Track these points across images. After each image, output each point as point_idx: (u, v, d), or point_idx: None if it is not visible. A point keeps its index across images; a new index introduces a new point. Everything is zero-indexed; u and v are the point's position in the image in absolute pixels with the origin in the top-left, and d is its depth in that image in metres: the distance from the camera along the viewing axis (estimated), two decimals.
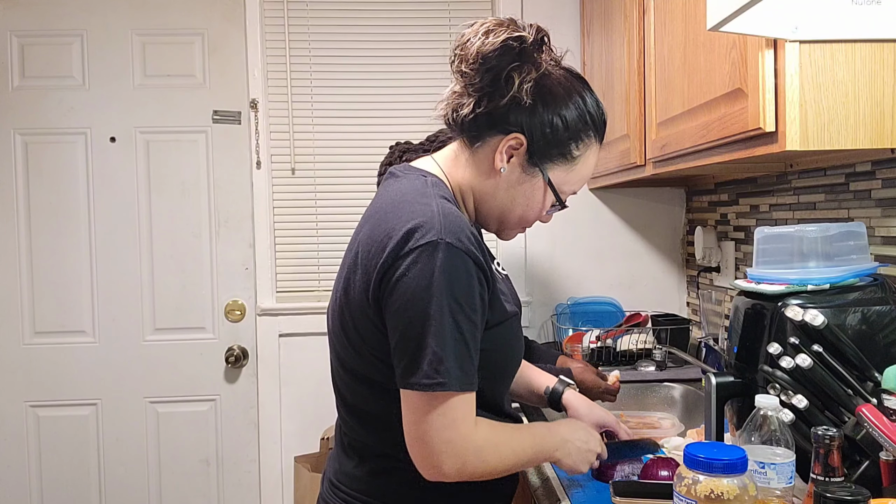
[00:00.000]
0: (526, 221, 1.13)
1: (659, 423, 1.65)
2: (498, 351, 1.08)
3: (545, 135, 1.05)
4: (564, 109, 1.06)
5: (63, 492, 2.49)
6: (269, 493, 2.51)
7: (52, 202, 2.44)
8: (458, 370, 0.96)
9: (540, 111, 1.05)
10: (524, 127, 1.05)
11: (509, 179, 1.08)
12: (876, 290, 1.11)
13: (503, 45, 1.03)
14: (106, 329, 2.47)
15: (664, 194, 2.52)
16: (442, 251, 0.95)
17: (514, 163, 1.07)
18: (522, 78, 1.04)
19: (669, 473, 1.19)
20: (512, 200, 1.10)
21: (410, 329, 0.96)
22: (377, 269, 0.98)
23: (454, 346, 0.95)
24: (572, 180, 1.10)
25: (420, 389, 0.96)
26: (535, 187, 1.09)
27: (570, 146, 1.07)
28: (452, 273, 0.95)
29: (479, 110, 1.05)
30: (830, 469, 0.89)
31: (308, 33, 2.45)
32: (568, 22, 2.47)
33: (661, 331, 2.20)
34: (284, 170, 2.48)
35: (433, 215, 0.98)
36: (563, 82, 1.07)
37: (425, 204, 1.00)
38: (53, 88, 2.42)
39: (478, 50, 1.03)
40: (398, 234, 0.97)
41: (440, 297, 0.94)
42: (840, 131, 1.09)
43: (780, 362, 1.07)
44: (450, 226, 0.97)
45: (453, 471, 0.99)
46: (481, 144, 1.08)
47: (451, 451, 0.98)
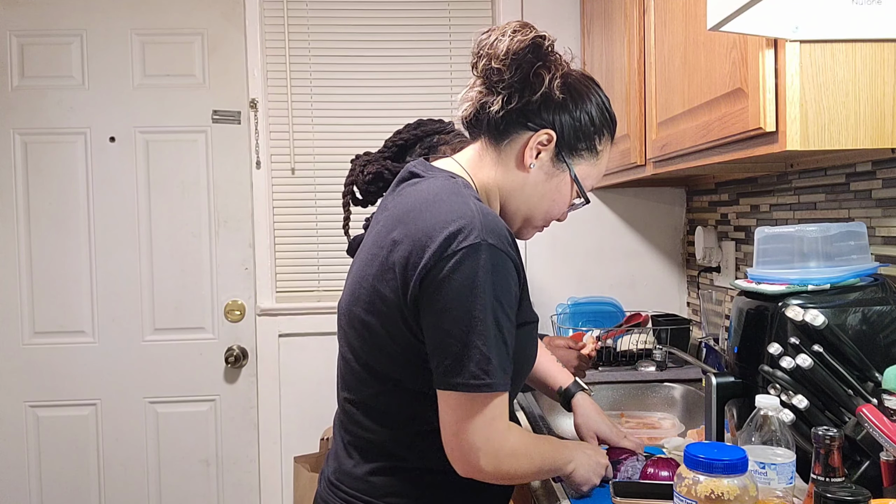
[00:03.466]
0: (551, 217, 1.16)
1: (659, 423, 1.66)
2: (518, 353, 1.07)
3: (574, 130, 1.09)
4: (590, 105, 1.10)
5: (63, 492, 2.49)
6: (269, 493, 2.51)
7: (52, 202, 2.44)
8: (500, 370, 0.97)
9: (570, 107, 1.09)
10: (554, 122, 1.08)
11: (537, 176, 1.10)
12: (876, 290, 1.11)
13: (533, 42, 1.06)
14: (106, 329, 2.47)
15: (664, 194, 2.52)
16: (485, 252, 0.96)
17: (543, 158, 1.09)
18: (552, 75, 1.07)
19: (670, 474, 1.18)
20: (540, 196, 1.12)
21: (455, 329, 0.96)
22: (418, 269, 0.98)
23: (498, 347, 0.96)
24: (594, 175, 1.15)
25: (466, 390, 0.96)
26: (563, 182, 1.12)
27: (594, 141, 1.11)
28: (495, 274, 0.96)
29: (511, 106, 1.07)
30: (831, 469, 0.89)
31: (308, 33, 2.45)
32: (568, 22, 2.47)
33: (662, 331, 2.20)
34: (284, 170, 2.48)
35: (473, 216, 0.98)
36: (582, 81, 1.12)
37: (464, 203, 1.00)
38: (53, 88, 2.42)
39: (507, 47, 1.05)
40: (440, 235, 0.97)
41: (484, 297, 0.95)
42: (840, 131, 1.09)
43: (781, 362, 1.07)
44: (490, 226, 0.98)
45: (490, 468, 1.00)
46: (509, 142, 1.09)
47: (490, 448, 0.99)
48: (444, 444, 1.01)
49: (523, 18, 2.46)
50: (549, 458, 1.11)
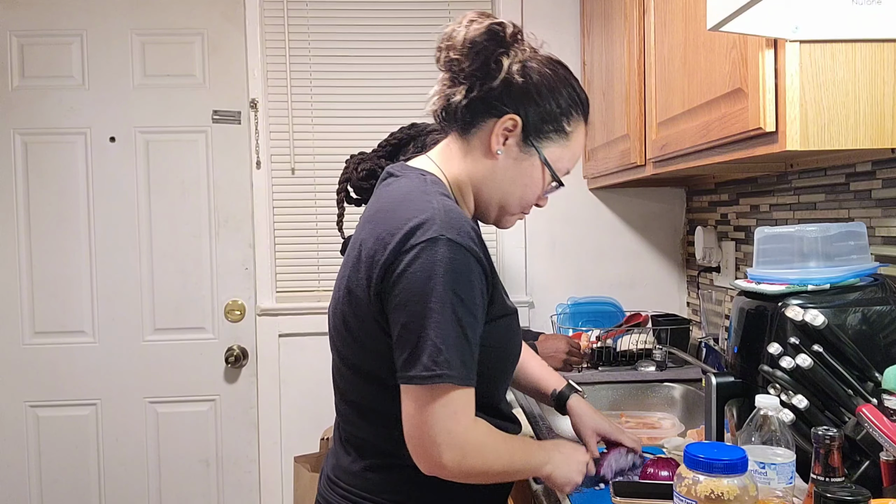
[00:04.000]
0: (526, 203, 1.15)
1: (659, 423, 1.66)
2: (496, 348, 1.09)
3: (538, 113, 1.08)
4: (554, 87, 1.09)
5: (63, 492, 2.49)
6: (269, 493, 2.51)
7: (52, 202, 2.44)
8: (459, 363, 0.97)
9: (532, 90, 1.07)
10: (517, 107, 1.07)
11: (506, 162, 1.10)
12: (876, 290, 1.11)
13: (489, 29, 1.06)
14: (106, 329, 2.47)
15: (664, 194, 2.52)
16: (443, 246, 0.96)
17: (511, 144, 1.09)
18: (512, 60, 1.07)
19: (669, 473, 1.18)
20: (511, 182, 1.11)
21: (411, 322, 0.97)
22: (380, 265, 1.00)
23: (455, 340, 0.96)
24: (566, 157, 1.13)
25: (420, 383, 0.97)
26: (533, 167, 1.10)
27: (562, 122, 1.10)
28: (454, 268, 0.96)
29: (473, 95, 1.07)
30: (831, 469, 0.89)
31: (308, 33, 2.45)
32: (568, 22, 2.46)
33: (661, 331, 2.20)
34: (284, 170, 2.48)
35: (435, 212, 0.99)
36: (546, 64, 1.10)
37: (427, 201, 1.02)
38: (53, 88, 2.42)
39: (464, 36, 1.07)
40: (401, 231, 0.99)
41: (441, 290, 0.96)
42: (840, 131, 1.09)
43: (781, 362, 1.07)
44: (451, 221, 0.99)
45: (453, 463, 0.99)
46: (475, 131, 1.10)
47: (452, 442, 0.98)
48: (406, 440, 1.01)
49: (523, 18, 2.47)
50: (521, 456, 1.09)
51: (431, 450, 0.99)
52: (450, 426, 0.98)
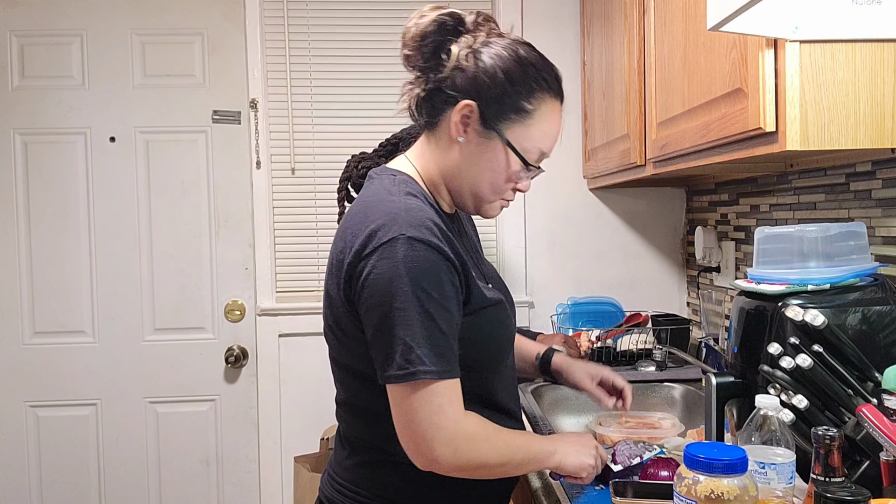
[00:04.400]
0: (499, 189, 1.12)
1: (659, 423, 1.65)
2: (481, 339, 1.09)
3: (493, 94, 1.06)
4: (508, 67, 1.07)
5: (63, 492, 2.49)
6: (269, 493, 2.51)
7: (52, 202, 2.44)
8: (434, 357, 0.98)
9: (482, 73, 1.06)
10: (471, 93, 1.06)
11: (469, 149, 1.09)
12: (876, 290, 1.11)
13: (436, 21, 1.08)
14: (106, 329, 2.47)
15: (664, 194, 2.52)
16: (403, 245, 0.98)
17: (471, 131, 1.08)
18: (461, 46, 1.07)
19: (669, 473, 1.18)
20: (477, 168, 1.10)
21: (381, 324, 0.99)
22: (345, 269, 1.03)
23: (426, 335, 0.97)
24: (534, 137, 1.09)
25: (396, 382, 0.98)
26: (496, 150, 1.09)
27: (520, 101, 1.07)
28: (416, 265, 0.98)
29: (429, 87, 1.09)
30: (831, 469, 0.89)
31: (308, 33, 2.45)
32: (568, 22, 2.46)
33: (661, 331, 2.20)
34: (284, 170, 2.48)
35: (395, 212, 1.01)
36: (503, 45, 1.08)
37: (389, 202, 1.04)
38: (53, 88, 2.42)
39: (414, 31, 1.09)
40: (362, 235, 1.01)
41: (405, 288, 0.97)
42: (840, 131, 1.09)
43: (781, 362, 1.07)
44: (411, 220, 1.00)
45: (446, 457, 1.00)
46: (439, 123, 1.11)
47: (443, 436, 0.99)
48: (400, 440, 1.02)
49: (523, 18, 2.47)
50: (521, 448, 1.09)
51: (422, 446, 1.00)
52: (437, 421, 0.99)
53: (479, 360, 1.09)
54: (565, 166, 2.49)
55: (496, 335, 1.13)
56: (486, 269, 1.22)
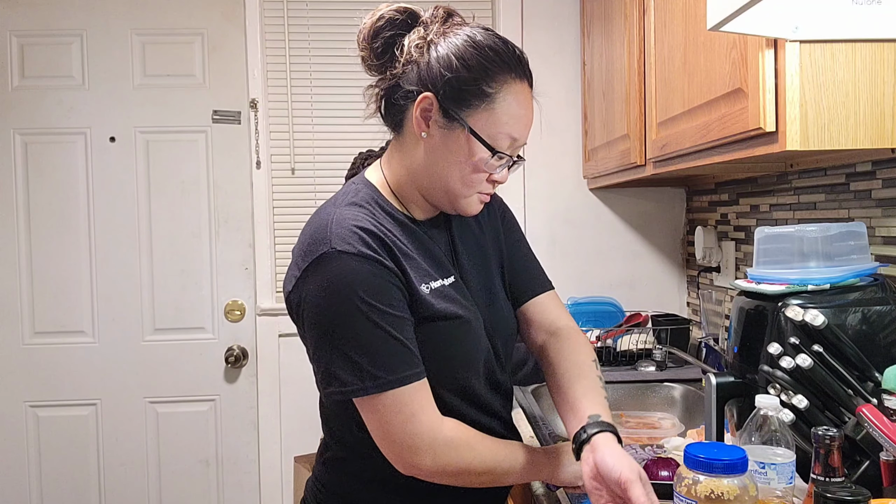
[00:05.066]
0: (470, 182, 1.05)
1: (659, 423, 1.65)
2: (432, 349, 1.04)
3: (448, 82, 1.01)
4: (463, 53, 1.02)
5: (63, 492, 2.49)
6: (269, 493, 2.51)
7: (52, 202, 2.44)
8: (393, 364, 0.96)
9: (434, 61, 1.02)
10: (427, 84, 1.02)
11: (434, 143, 1.04)
12: (876, 290, 1.11)
13: (386, 17, 1.05)
14: (106, 329, 2.47)
15: (664, 194, 2.52)
16: (333, 259, 0.97)
17: (433, 124, 1.03)
18: (411, 40, 1.04)
19: (669, 473, 1.18)
20: (445, 163, 1.04)
21: (327, 342, 0.97)
22: (285, 291, 1.04)
23: (377, 345, 0.96)
24: (500, 121, 1.03)
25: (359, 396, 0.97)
26: (460, 140, 1.03)
27: (479, 85, 1.01)
28: (350, 277, 0.96)
29: (387, 86, 1.07)
30: (830, 469, 0.89)
31: (308, 33, 2.45)
32: (568, 22, 2.46)
33: (661, 331, 2.20)
34: (284, 170, 2.48)
35: (325, 227, 1.00)
36: (458, 33, 1.04)
37: (323, 218, 1.03)
38: (53, 88, 2.42)
39: (365, 32, 1.07)
40: (297, 254, 1.02)
41: (343, 303, 0.96)
42: (840, 131, 1.09)
43: (781, 362, 1.07)
44: (340, 233, 0.98)
45: (426, 464, 0.99)
46: (403, 122, 1.07)
47: (420, 443, 0.98)
48: (381, 450, 1.01)
49: (523, 18, 2.47)
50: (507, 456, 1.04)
51: (402, 454, 0.99)
52: (410, 429, 0.97)
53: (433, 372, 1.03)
54: (565, 166, 2.49)
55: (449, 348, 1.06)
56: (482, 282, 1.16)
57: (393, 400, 0.97)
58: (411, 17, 1.06)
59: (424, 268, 1.05)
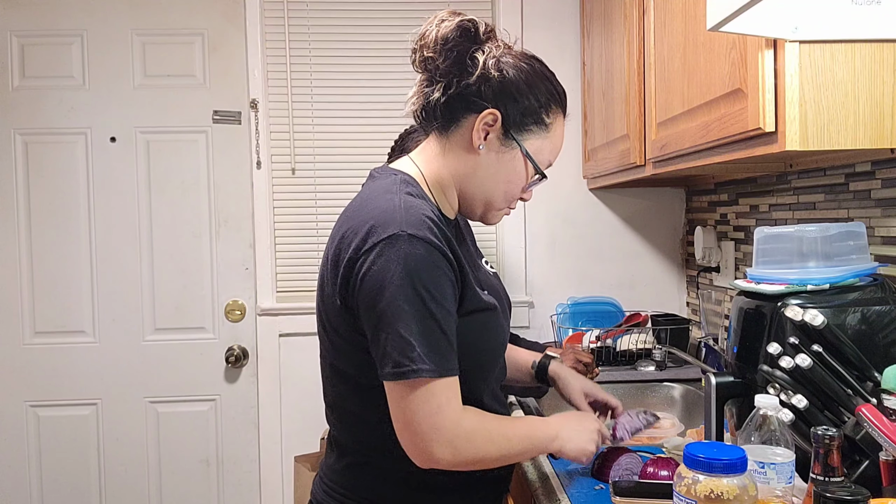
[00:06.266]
0: (511, 197, 1.15)
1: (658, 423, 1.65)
2: (469, 344, 1.08)
3: (517, 107, 1.09)
4: (531, 81, 1.10)
5: (63, 492, 2.49)
6: (269, 493, 2.51)
7: (52, 202, 2.44)
8: (434, 355, 0.97)
9: (509, 85, 1.08)
10: (496, 101, 1.08)
11: (489, 157, 1.10)
12: (876, 290, 1.11)
13: (459, 26, 1.08)
14: (106, 329, 2.47)
15: (664, 194, 2.53)
16: (404, 242, 0.98)
17: (492, 139, 1.10)
18: (487, 55, 1.08)
19: (669, 473, 1.19)
20: (494, 177, 1.11)
21: (380, 321, 0.98)
22: (344, 265, 1.02)
23: (425, 333, 0.97)
24: (547, 149, 1.13)
25: (394, 379, 0.98)
26: (515, 160, 1.11)
27: (541, 114, 1.11)
28: (416, 262, 0.98)
29: (451, 92, 1.09)
30: (830, 469, 0.89)
31: (308, 33, 2.45)
32: (568, 22, 2.47)
33: (661, 331, 2.20)
34: (284, 170, 2.48)
35: (394, 209, 1.01)
36: (521, 58, 1.12)
37: (388, 200, 1.04)
38: (53, 88, 2.42)
39: (437, 35, 1.08)
40: (362, 231, 1.01)
41: (405, 286, 0.97)
42: (840, 131, 1.09)
43: (780, 362, 1.07)
44: (410, 218, 1.00)
45: (446, 457, 1.00)
46: (455, 128, 1.11)
47: (441, 437, 0.99)
48: (399, 438, 1.02)
49: (523, 18, 2.47)
50: (522, 437, 1.09)
51: (421, 446, 1.00)
52: (435, 421, 0.98)
53: (465, 364, 1.08)
54: (565, 166, 2.49)
55: (486, 341, 1.12)
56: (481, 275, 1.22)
57: (429, 390, 0.98)
58: (476, 29, 1.10)
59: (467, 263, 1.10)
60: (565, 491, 1.24)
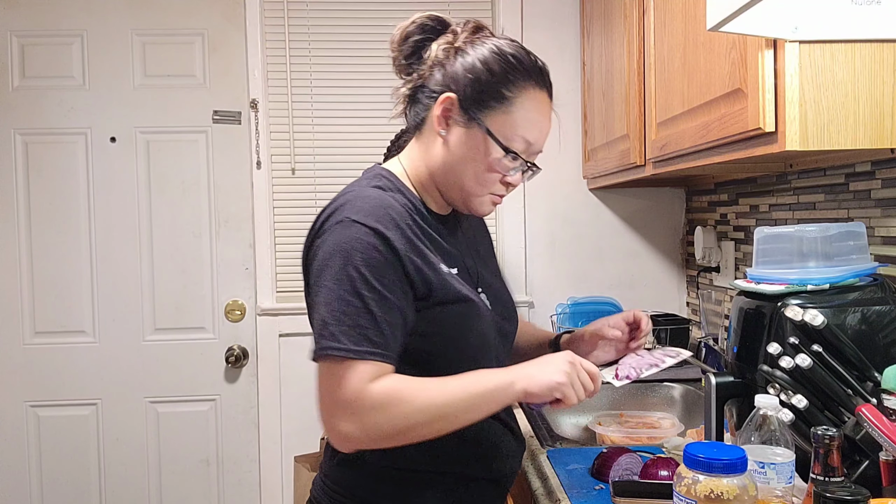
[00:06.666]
0: (484, 181, 1.10)
1: (659, 423, 1.66)
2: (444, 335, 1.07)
3: (472, 85, 1.08)
4: (487, 56, 1.09)
5: (63, 492, 2.49)
6: (269, 493, 2.51)
7: (52, 202, 2.44)
8: (355, 336, 0.97)
9: (459, 64, 1.09)
10: (450, 84, 1.09)
11: (452, 141, 1.10)
12: (876, 290, 1.11)
13: (419, 23, 1.13)
14: (106, 329, 2.47)
15: (664, 194, 2.53)
16: (346, 227, 1.01)
17: (453, 122, 1.10)
18: (438, 44, 1.12)
19: (669, 473, 1.19)
20: (462, 161, 1.10)
21: (314, 301, 1.02)
22: (303, 252, 1.08)
23: (348, 313, 0.98)
24: (516, 124, 1.08)
25: (312, 359, 1.00)
26: (477, 139, 1.09)
27: (499, 88, 1.08)
28: (353, 245, 1.00)
29: (412, 85, 1.13)
30: (830, 469, 0.89)
31: (308, 33, 2.45)
32: (568, 22, 2.47)
33: (661, 331, 2.20)
34: (284, 170, 2.48)
35: (350, 199, 1.05)
36: (485, 42, 1.11)
37: (349, 192, 1.08)
38: (53, 88, 2.42)
39: (399, 34, 1.14)
40: (318, 221, 1.06)
41: (337, 267, 0.99)
42: (840, 131, 1.09)
43: (780, 362, 1.07)
44: (362, 206, 1.04)
45: (352, 431, 0.97)
46: (425, 120, 1.13)
47: (343, 412, 0.97)
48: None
49: (523, 18, 2.47)
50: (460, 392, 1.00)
51: (328, 424, 0.99)
52: (337, 397, 0.97)
53: (442, 355, 1.07)
54: (565, 166, 2.49)
55: (464, 332, 1.09)
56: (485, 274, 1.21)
57: (342, 368, 0.97)
58: (441, 24, 1.13)
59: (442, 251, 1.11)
60: (565, 491, 1.24)
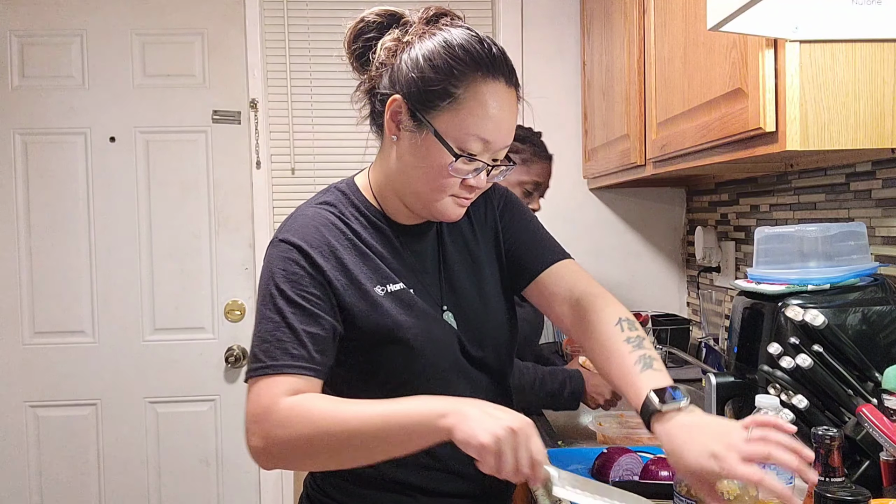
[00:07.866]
0: (438, 186, 1.01)
1: None
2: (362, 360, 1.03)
3: (414, 82, 0.98)
4: (430, 52, 0.98)
5: (63, 492, 2.49)
6: (269, 493, 2.51)
7: (52, 202, 2.44)
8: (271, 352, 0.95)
9: (403, 63, 1.00)
10: (396, 86, 1.00)
11: (404, 147, 1.02)
12: (876, 290, 1.11)
13: (367, 21, 1.04)
14: (106, 329, 2.46)
15: (664, 194, 2.52)
16: (272, 248, 1.02)
17: (405, 127, 1.01)
18: (383, 42, 1.02)
19: (669, 473, 1.18)
20: (413, 167, 1.01)
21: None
22: None
23: (268, 330, 0.97)
24: (466, 122, 0.98)
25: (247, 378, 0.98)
26: (427, 143, 0.99)
27: (445, 86, 0.97)
28: (275, 263, 1.01)
29: (362, 88, 1.07)
30: (831, 469, 0.89)
31: (308, 33, 2.45)
32: (568, 22, 2.46)
33: (661, 331, 2.20)
34: (284, 170, 2.48)
35: (286, 220, 1.06)
36: (435, 34, 1.00)
37: (292, 212, 1.09)
38: (53, 88, 2.42)
39: (346, 40, 1.06)
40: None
41: (263, 289, 1.01)
42: (840, 131, 1.09)
43: (781, 362, 1.07)
44: (292, 225, 1.04)
45: (258, 444, 0.93)
46: (382, 125, 1.05)
47: (254, 426, 0.93)
48: None
49: (523, 18, 2.46)
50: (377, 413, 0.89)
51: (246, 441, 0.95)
52: (251, 411, 0.94)
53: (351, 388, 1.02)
54: (565, 166, 2.48)
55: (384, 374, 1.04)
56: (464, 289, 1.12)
57: (263, 385, 0.94)
58: (393, 19, 1.03)
59: (385, 270, 1.05)
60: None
